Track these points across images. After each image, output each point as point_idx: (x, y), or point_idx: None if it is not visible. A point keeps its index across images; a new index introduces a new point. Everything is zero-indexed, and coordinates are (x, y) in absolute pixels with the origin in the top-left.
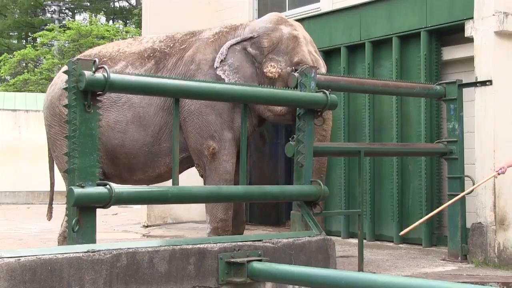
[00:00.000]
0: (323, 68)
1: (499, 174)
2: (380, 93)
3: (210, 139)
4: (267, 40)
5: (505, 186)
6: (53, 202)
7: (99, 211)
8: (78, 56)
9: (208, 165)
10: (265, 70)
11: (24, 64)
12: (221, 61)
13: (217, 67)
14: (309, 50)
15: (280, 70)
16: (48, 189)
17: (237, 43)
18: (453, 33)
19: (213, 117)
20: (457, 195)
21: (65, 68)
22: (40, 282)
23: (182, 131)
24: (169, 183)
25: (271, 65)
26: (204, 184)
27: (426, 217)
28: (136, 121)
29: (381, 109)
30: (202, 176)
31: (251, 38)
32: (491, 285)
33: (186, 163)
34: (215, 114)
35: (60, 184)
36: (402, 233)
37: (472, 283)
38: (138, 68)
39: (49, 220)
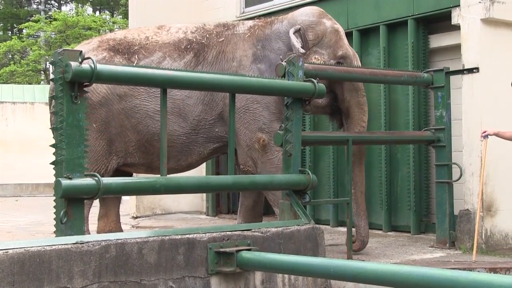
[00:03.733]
0: (359, 62)
1: (483, 137)
2: (368, 81)
3: (259, 132)
4: (312, 33)
5: (492, 172)
6: (46, 194)
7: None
8: (101, 38)
9: (261, 158)
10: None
11: (10, 56)
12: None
13: (302, 53)
14: (348, 44)
15: (324, 63)
16: (36, 181)
17: (283, 32)
18: (440, 20)
19: (261, 110)
20: (446, 182)
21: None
22: (28, 274)
23: (226, 126)
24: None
25: (315, 58)
26: None
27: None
28: (176, 112)
29: (369, 97)
30: (247, 172)
31: (299, 30)
32: (478, 271)
33: (216, 152)
34: (263, 107)
35: (49, 176)
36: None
37: (460, 269)
38: (177, 61)
39: None
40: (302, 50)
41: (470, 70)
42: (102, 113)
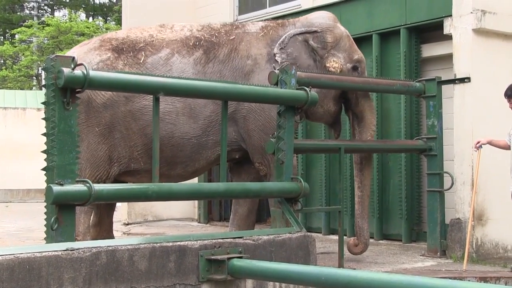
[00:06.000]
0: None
1: (477, 148)
2: (360, 90)
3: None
4: (331, 36)
5: (483, 181)
6: (37, 200)
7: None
8: (101, 37)
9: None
10: (328, 65)
11: (2, 61)
12: (281, 48)
13: (275, 54)
14: None
15: (341, 66)
16: (27, 187)
17: (301, 33)
18: (432, 30)
19: (276, 112)
20: (437, 191)
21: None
22: (18, 281)
23: (238, 127)
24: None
25: (333, 60)
26: (269, 180)
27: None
28: (187, 112)
29: None
30: (264, 175)
31: (314, 32)
32: (469, 280)
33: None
34: (277, 109)
35: (40, 182)
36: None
37: (450, 278)
38: (186, 57)
39: None
40: (276, 51)
41: (462, 80)
42: (107, 116)
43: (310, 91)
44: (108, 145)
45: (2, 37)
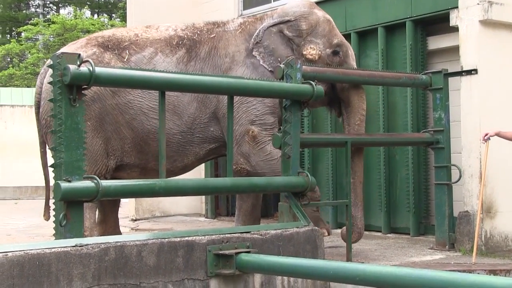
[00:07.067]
0: (352, 51)
1: (485, 140)
2: (366, 83)
3: (249, 124)
4: (305, 23)
5: (491, 174)
6: (44, 197)
7: None
8: (88, 37)
9: (252, 150)
10: (304, 53)
11: (9, 59)
12: (257, 42)
13: (252, 48)
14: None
15: (320, 52)
16: (35, 184)
17: (274, 25)
18: (438, 22)
19: (255, 103)
20: (445, 184)
21: (49, 62)
22: (28, 277)
23: (221, 124)
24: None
25: (310, 47)
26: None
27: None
28: (171, 109)
29: (367, 99)
30: (240, 171)
31: (288, 21)
32: (478, 273)
33: (212, 154)
34: (257, 99)
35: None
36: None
37: (459, 271)
38: (169, 56)
39: (47, 220)
40: (251, 46)
41: (469, 72)
42: (96, 109)
43: (316, 85)
44: (102, 138)
45: (9, 35)
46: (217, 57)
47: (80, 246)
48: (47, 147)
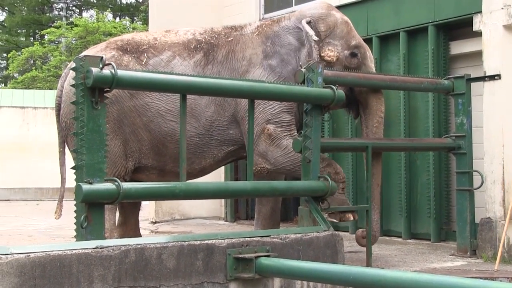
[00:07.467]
0: (371, 53)
1: None
2: (388, 88)
3: (265, 123)
4: (324, 25)
5: None
6: (65, 199)
7: None
8: (108, 41)
9: (269, 147)
10: (323, 54)
11: (32, 62)
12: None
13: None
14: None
15: (338, 54)
16: (57, 185)
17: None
18: (461, 27)
19: (271, 102)
20: (467, 190)
21: (72, 64)
22: (49, 278)
23: (240, 127)
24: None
25: (328, 49)
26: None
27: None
28: (188, 111)
29: (388, 104)
30: (260, 173)
31: (309, 22)
32: (500, 280)
33: (231, 156)
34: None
35: (70, 181)
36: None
37: (481, 278)
38: (187, 59)
39: (58, 219)
40: (315, 38)
41: (492, 77)
42: (114, 111)
43: (337, 89)
44: (120, 140)
45: (32, 38)
46: (235, 60)
47: (101, 248)
48: (66, 147)
